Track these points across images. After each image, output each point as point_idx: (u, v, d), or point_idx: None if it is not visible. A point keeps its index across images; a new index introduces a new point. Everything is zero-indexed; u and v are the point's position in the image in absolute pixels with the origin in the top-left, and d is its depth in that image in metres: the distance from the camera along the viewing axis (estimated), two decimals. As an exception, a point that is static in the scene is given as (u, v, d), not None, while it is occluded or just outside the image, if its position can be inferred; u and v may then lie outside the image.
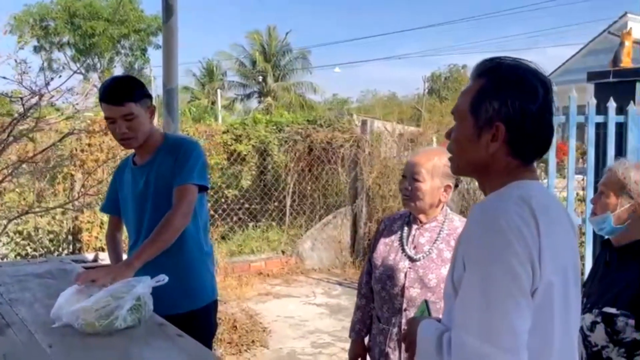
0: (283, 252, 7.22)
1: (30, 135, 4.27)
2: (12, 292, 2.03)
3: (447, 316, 1.24)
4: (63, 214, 5.94)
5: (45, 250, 5.91)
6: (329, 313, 5.51)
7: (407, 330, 1.39)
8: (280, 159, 7.63)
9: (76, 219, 6.04)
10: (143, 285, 1.69)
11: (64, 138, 4.82)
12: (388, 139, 7.83)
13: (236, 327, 4.79)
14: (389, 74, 72.10)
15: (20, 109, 3.77)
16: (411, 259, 2.04)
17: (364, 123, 7.73)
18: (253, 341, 4.65)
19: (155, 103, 2.72)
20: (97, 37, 26.72)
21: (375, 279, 2.12)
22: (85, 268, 2.36)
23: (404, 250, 2.06)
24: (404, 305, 2.01)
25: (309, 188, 7.73)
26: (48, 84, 3.72)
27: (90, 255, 4.95)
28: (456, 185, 2.08)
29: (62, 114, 4.80)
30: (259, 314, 5.34)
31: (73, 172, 6.03)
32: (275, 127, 7.73)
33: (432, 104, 25.71)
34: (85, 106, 4.84)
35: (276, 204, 7.63)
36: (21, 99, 3.71)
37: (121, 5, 26.65)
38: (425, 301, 1.55)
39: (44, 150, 4.78)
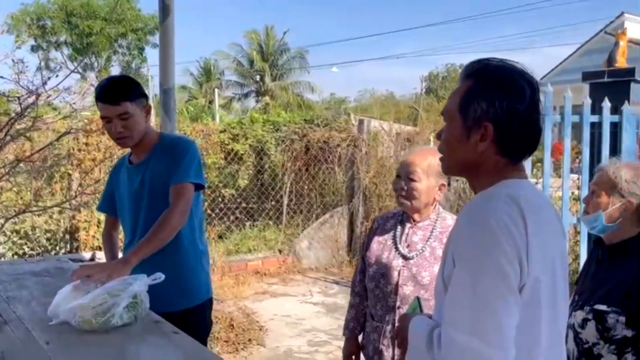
0: (280, 251, 7.23)
1: (28, 134, 4.27)
2: (10, 290, 2.04)
3: (438, 312, 1.26)
4: (60, 213, 5.93)
5: (43, 249, 5.90)
6: (325, 312, 5.53)
7: (399, 326, 1.42)
8: (278, 158, 7.63)
9: (73, 218, 6.04)
10: (139, 284, 1.70)
11: (61, 137, 4.82)
12: (385, 138, 7.85)
13: (233, 326, 4.82)
14: (386, 74, 72.10)
15: (18, 109, 3.77)
16: (404, 257, 2.05)
17: (361, 122, 7.74)
18: (250, 340, 4.67)
19: (153, 102, 2.74)
20: (94, 36, 26.61)
21: (369, 277, 2.13)
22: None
23: (397, 248, 2.08)
24: (398, 302, 2.03)
25: (306, 187, 7.73)
26: (45, 83, 3.72)
27: (87, 254, 4.93)
28: (448, 184, 2.10)
29: (60, 113, 4.80)
30: (255, 313, 5.36)
31: (70, 172, 6.02)
32: (272, 127, 7.72)
33: (430, 103, 25.66)
34: (82, 105, 4.84)
35: (273, 203, 7.64)
36: (18, 98, 3.71)
37: (118, 4, 26.57)
38: (418, 298, 1.57)
39: (41, 150, 4.79)
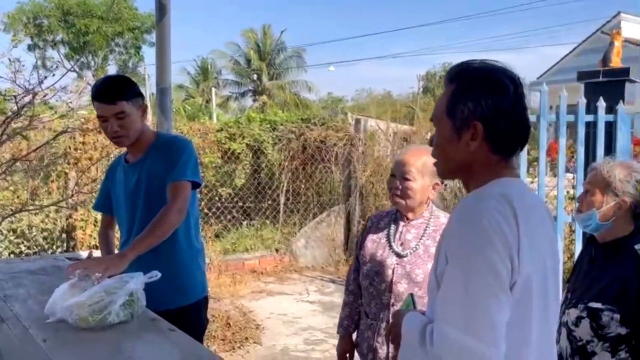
0: (277, 250, 7.24)
1: (24, 133, 4.27)
2: (6, 289, 2.04)
3: (431, 309, 1.27)
4: (57, 212, 5.94)
5: (39, 248, 5.90)
6: (322, 310, 5.54)
7: (393, 322, 1.43)
8: (274, 157, 7.63)
9: (70, 217, 6.03)
10: (136, 281, 1.71)
11: (57, 136, 4.83)
12: (382, 137, 7.86)
13: (230, 324, 4.83)
14: (384, 73, 72.19)
15: (14, 108, 3.77)
16: (398, 255, 2.07)
17: (358, 122, 7.76)
18: (246, 338, 4.68)
19: (150, 101, 2.74)
20: (91, 35, 26.54)
21: (363, 275, 2.15)
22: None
23: (391, 246, 2.10)
24: (392, 300, 2.04)
25: (303, 186, 7.74)
26: (42, 82, 3.73)
27: (84, 253, 4.93)
28: (445, 183, 2.12)
29: (56, 112, 4.80)
30: (252, 312, 5.37)
31: (67, 171, 6.03)
32: (269, 126, 7.73)
33: (427, 102, 25.60)
34: (79, 104, 4.85)
35: (270, 202, 7.64)
36: (15, 97, 3.71)
37: (115, 3, 26.51)
38: (411, 295, 1.58)
39: (37, 149, 4.79)
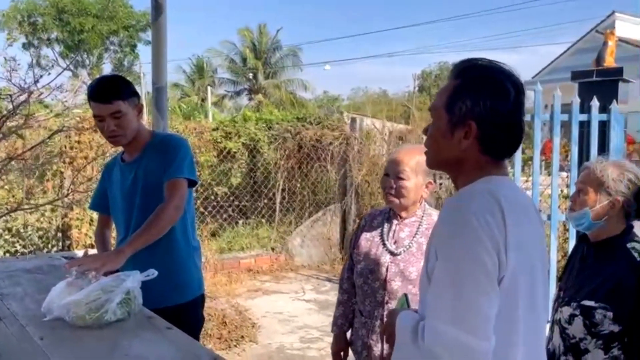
0: (273, 249, 7.25)
1: (20, 132, 4.26)
2: (3, 287, 2.05)
3: (422, 305, 1.29)
4: (52, 211, 5.93)
5: (35, 247, 5.89)
6: (317, 309, 5.55)
7: (387, 321, 1.45)
8: (270, 156, 7.64)
9: (65, 216, 6.02)
10: (132, 280, 1.72)
11: (53, 135, 4.83)
12: (377, 136, 7.88)
13: (226, 323, 4.83)
14: (380, 72, 72.24)
15: (9, 106, 3.76)
16: (392, 253, 2.09)
17: (354, 121, 7.78)
18: (242, 336, 4.69)
19: (145, 100, 2.74)
20: (86, 34, 26.45)
21: (357, 273, 2.17)
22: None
23: (384, 245, 2.11)
24: (386, 298, 2.06)
25: (299, 185, 7.76)
26: (37, 81, 3.72)
27: (80, 252, 4.95)
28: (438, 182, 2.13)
29: (52, 111, 4.80)
30: (248, 310, 5.38)
31: (62, 169, 6.01)
32: (265, 125, 7.73)
33: (422, 101, 25.70)
34: (74, 103, 4.84)
35: (266, 201, 7.65)
36: (10, 96, 3.70)
37: (110, 1, 26.44)
38: (405, 295, 1.60)
39: (33, 148, 4.78)
